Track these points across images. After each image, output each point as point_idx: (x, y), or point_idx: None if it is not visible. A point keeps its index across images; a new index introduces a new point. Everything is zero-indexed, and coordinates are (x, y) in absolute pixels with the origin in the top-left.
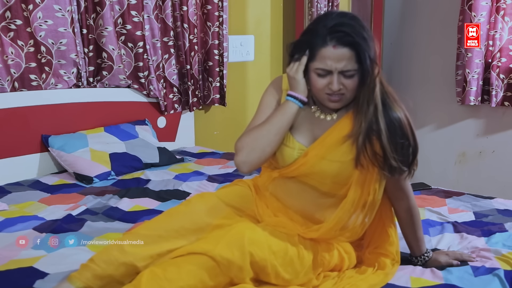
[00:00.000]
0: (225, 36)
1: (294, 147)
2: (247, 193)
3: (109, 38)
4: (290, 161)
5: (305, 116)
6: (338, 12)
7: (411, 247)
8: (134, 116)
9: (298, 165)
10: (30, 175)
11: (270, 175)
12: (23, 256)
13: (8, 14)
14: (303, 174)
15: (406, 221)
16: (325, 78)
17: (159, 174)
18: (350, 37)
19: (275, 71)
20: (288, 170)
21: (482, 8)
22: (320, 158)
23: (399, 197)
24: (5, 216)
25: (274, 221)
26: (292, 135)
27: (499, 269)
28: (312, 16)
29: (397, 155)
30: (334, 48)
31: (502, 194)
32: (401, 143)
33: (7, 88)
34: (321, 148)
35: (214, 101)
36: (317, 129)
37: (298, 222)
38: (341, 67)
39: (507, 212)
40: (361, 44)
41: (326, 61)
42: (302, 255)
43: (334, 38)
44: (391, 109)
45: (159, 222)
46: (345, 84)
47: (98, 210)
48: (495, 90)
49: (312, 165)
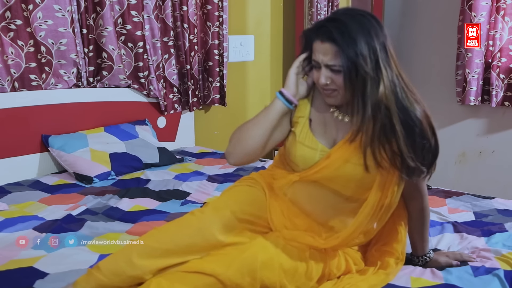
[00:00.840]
0: (225, 36)
1: (316, 148)
2: (260, 198)
3: (109, 38)
4: (311, 163)
5: (325, 118)
6: (345, 8)
7: (415, 246)
8: (134, 116)
9: (320, 168)
10: (30, 175)
11: (289, 178)
12: (23, 256)
13: (8, 14)
14: (326, 177)
15: (417, 221)
16: (319, 72)
17: (159, 174)
18: (331, 33)
19: (275, 71)
20: (310, 172)
21: (482, 8)
22: (345, 161)
23: (415, 197)
24: (5, 216)
25: (289, 234)
26: (314, 136)
27: (499, 269)
28: (312, 16)
29: (416, 156)
30: (321, 43)
31: (502, 194)
32: (422, 144)
33: (7, 88)
34: (345, 150)
35: (214, 101)
36: (337, 131)
37: (314, 230)
38: (326, 61)
39: (507, 212)
40: (340, 41)
41: (316, 54)
42: (310, 271)
43: (320, 33)
44: (409, 108)
45: (169, 234)
46: (334, 79)
47: (98, 210)
48: (495, 90)
49: (336, 168)
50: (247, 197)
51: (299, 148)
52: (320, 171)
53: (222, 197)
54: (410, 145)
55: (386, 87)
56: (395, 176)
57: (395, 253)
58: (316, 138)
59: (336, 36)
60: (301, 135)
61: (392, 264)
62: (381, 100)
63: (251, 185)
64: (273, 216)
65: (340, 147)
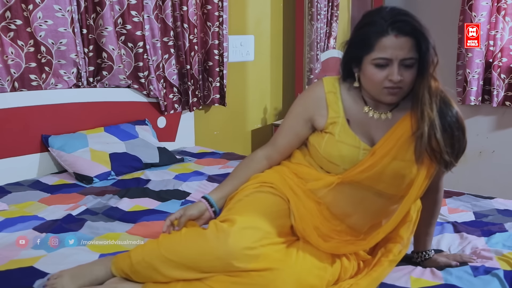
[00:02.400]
0: (225, 36)
1: (359, 146)
2: (284, 207)
3: (109, 38)
4: (355, 162)
5: (360, 117)
6: (391, 7)
7: (418, 240)
8: (134, 116)
9: (366, 166)
10: (30, 175)
11: (329, 180)
12: (23, 256)
13: (8, 14)
14: (372, 176)
15: (427, 212)
16: (384, 70)
17: (159, 174)
18: (412, 25)
19: (275, 71)
20: (354, 172)
21: (483, 8)
22: (392, 158)
23: (434, 190)
24: (5, 216)
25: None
26: (355, 135)
27: (499, 269)
28: (312, 16)
29: (452, 149)
30: (396, 37)
31: (502, 194)
32: (458, 137)
33: (7, 88)
34: (390, 147)
35: (214, 101)
36: (373, 129)
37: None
38: (403, 55)
39: (507, 212)
40: (424, 32)
41: (387, 50)
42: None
43: (395, 28)
44: (450, 103)
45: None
46: (404, 75)
47: (98, 210)
48: (496, 90)
49: (384, 166)
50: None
51: (341, 147)
52: (366, 169)
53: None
54: (448, 139)
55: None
56: (431, 169)
57: (399, 239)
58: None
59: (418, 29)
60: (341, 134)
61: (395, 251)
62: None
63: (274, 193)
64: (304, 225)
65: (383, 143)
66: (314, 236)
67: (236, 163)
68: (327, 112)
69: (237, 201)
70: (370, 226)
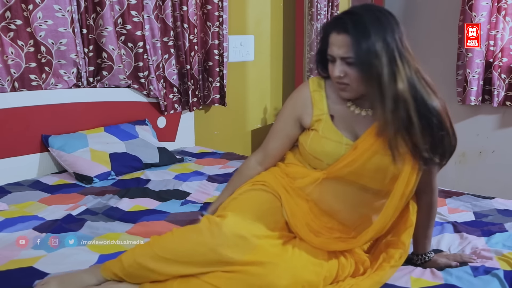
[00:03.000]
0: (225, 36)
1: (341, 141)
2: (276, 204)
3: (109, 38)
4: (337, 157)
5: (343, 112)
6: (364, 3)
7: (417, 243)
8: (134, 116)
9: (349, 161)
10: (30, 175)
11: (314, 176)
12: (23, 256)
13: (8, 14)
14: (355, 171)
15: (424, 215)
16: (333, 65)
17: (159, 174)
18: (352, 23)
19: (275, 71)
20: (338, 167)
21: (483, 8)
22: (374, 152)
23: (426, 191)
24: (5, 216)
25: (321, 243)
26: (338, 130)
27: (499, 269)
28: (312, 16)
29: (434, 147)
30: (337, 34)
31: (502, 194)
32: (440, 135)
33: (7, 88)
34: (371, 142)
35: (214, 101)
36: (357, 125)
37: (340, 229)
38: (342, 54)
39: (507, 212)
40: (354, 33)
41: (331, 47)
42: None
43: (337, 25)
44: (427, 101)
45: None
46: (348, 72)
47: (98, 210)
48: (496, 90)
49: (366, 160)
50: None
51: (324, 143)
52: (348, 164)
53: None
54: (427, 136)
55: (403, 82)
56: (417, 165)
57: (401, 245)
58: (340, 132)
59: (350, 28)
60: (324, 130)
61: (396, 257)
62: (399, 94)
63: (266, 191)
64: (296, 221)
65: (364, 139)
66: (305, 231)
67: (236, 163)
68: (312, 110)
69: (231, 200)
70: (360, 223)
